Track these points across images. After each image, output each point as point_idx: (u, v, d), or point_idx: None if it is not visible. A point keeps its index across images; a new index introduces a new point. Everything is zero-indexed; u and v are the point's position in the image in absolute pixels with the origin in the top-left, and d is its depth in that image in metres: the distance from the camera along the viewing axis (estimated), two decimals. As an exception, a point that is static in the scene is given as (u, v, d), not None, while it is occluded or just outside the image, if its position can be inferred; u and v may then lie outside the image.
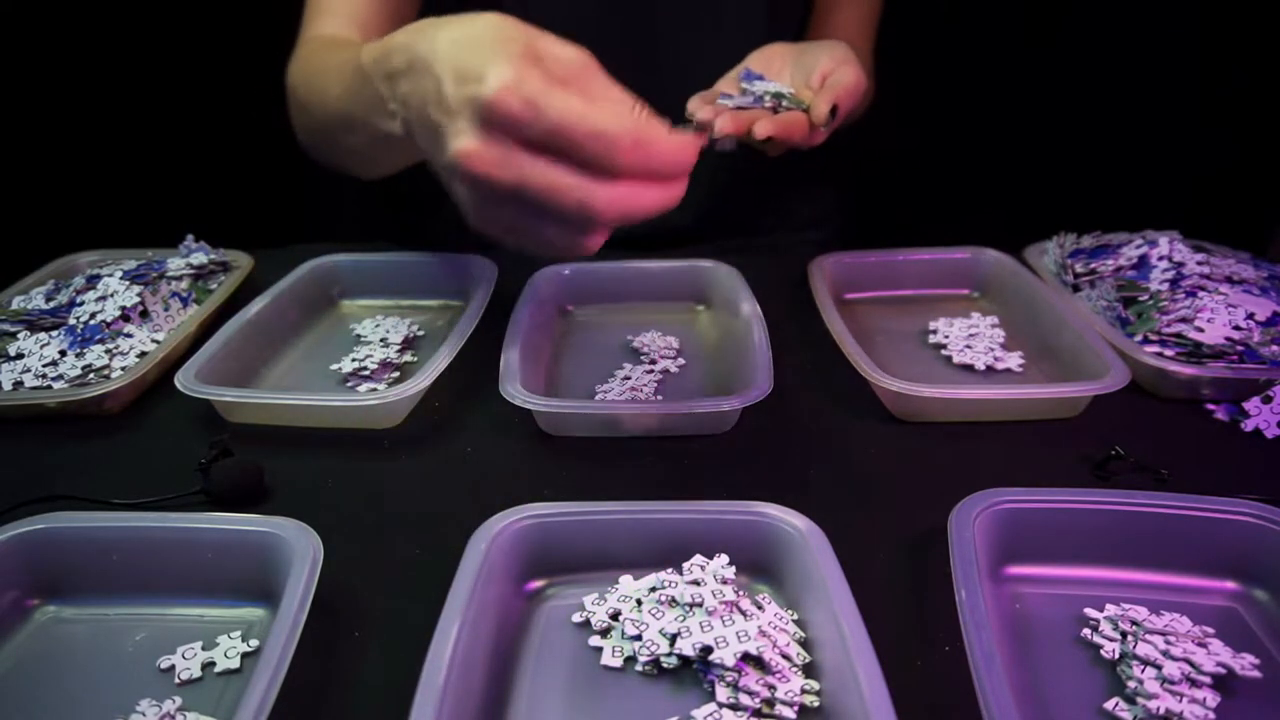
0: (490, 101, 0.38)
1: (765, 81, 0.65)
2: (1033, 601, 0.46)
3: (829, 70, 0.65)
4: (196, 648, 0.43)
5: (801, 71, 0.67)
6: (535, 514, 0.46)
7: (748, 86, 0.64)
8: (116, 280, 0.71)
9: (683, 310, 0.77)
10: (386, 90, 0.49)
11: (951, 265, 0.79)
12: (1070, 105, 1.44)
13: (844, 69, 0.65)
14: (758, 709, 0.39)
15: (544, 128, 0.39)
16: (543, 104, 0.38)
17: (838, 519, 0.47)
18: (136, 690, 0.41)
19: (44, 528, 0.46)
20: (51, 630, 0.45)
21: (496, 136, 0.39)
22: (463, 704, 0.37)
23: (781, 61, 0.69)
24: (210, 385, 0.60)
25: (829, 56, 0.65)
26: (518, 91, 0.38)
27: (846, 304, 0.77)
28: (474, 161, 0.40)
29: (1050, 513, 0.47)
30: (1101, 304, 0.69)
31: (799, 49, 0.69)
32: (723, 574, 0.44)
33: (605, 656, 0.43)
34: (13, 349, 0.66)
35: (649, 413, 0.59)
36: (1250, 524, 0.46)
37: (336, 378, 0.67)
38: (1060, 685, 0.42)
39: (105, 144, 1.33)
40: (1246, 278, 0.68)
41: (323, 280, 0.79)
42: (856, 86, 0.64)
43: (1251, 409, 0.60)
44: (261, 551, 0.45)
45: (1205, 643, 0.43)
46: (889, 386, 0.58)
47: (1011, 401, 0.60)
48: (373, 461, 0.58)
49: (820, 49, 0.67)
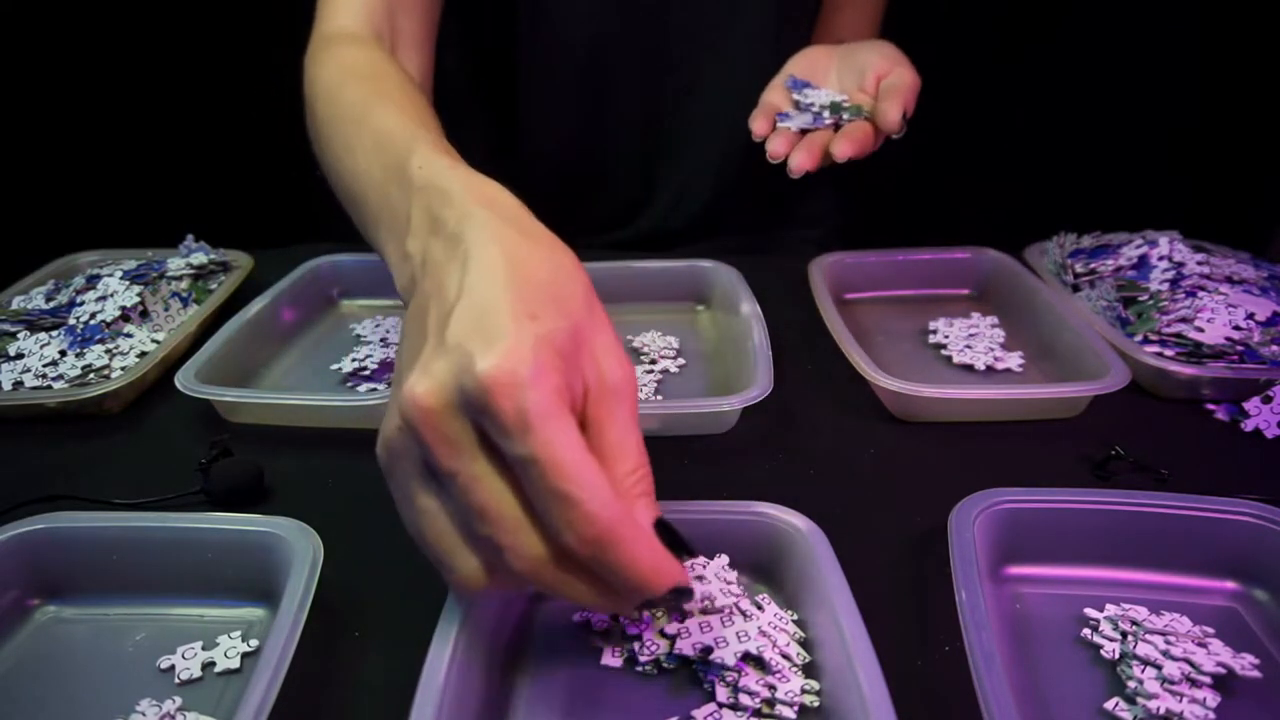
0: (479, 376, 0.31)
1: (816, 90, 0.63)
2: (1033, 601, 0.46)
3: (884, 71, 0.63)
4: (196, 648, 0.43)
5: (851, 74, 0.65)
6: (535, 514, 0.46)
7: (800, 98, 0.62)
8: (116, 280, 0.71)
9: (683, 310, 0.77)
10: (419, 220, 0.40)
11: (951, 265, 0.79)
12: (1070, 105, 1.44)
13: (900, 70, 0.63)
14: (758, 709, 0.39)
15: (518, 450, 0.31)
16: (534, 425, 0.30)
17: (838, 519, 0.47)
18: (136, 690, 0.41)
19: (44, 528, 0.46)
20: (51, 630, 0.46)
21: (465, 410, 0.32)
22: (463, 704, 0.37)
23: (827, 64, 0.66)
24: (210, 385, 0.60)
25: (880, 56, 0.63)
26: (514, 392, 0.30)
27: (846, 304, 0.77)
28: (421, 415, 0.32)
29: (1050, 513, 0.47)
30: (1101, 304, 0.69)
31: (844, 51, 0.67)
32: (723, 575, 0.44)
33: (605, 656, 0.43)
34: (13, 349, 0.66)
35: (649, 413, 0.59)
36: (1250, 524, 0.46)
37: (336, 378, 0.67)
38: (1060, 685, 0.42)
39: (105, 144, 1.34)
40: (1246, 278, 0.68)
41: (323, 280, 0.79)
42: (915, 85, 0.62)
43: (1251, 409, 0.60)
44: (261, 551, 0.45)
45: (1205, 643, 0.43)
46: (889, 386, 0.58)
47: (1011, 401, 0.60)
48: (373, 461, 0.57)
49: (869, 50, 0.65)
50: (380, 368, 0.67)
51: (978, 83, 1.41)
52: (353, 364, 0.68)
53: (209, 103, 1.38)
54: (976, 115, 1.44)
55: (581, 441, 0.32)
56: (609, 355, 0.35)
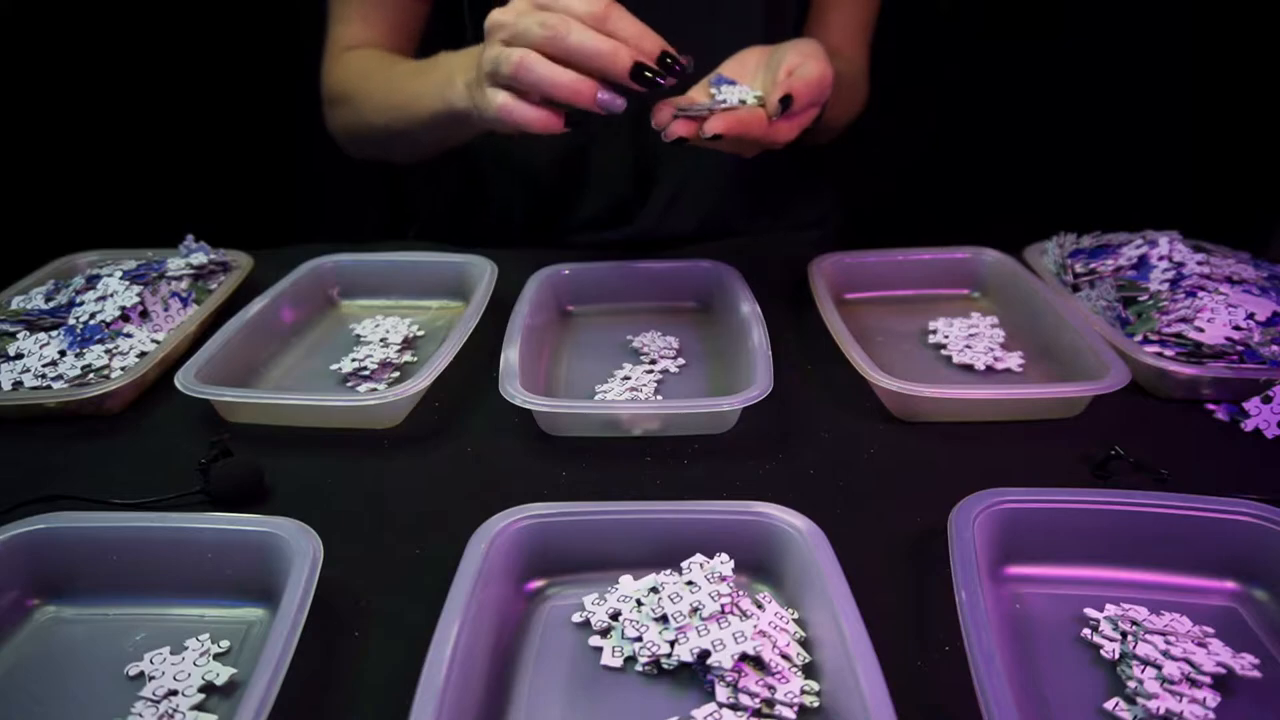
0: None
1: (734, 87, 0.65)
2: (1033, 601, 0.46)
3: (795, 65, 0.64)
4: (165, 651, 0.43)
5: (771, 72, 0.66)
6: (535, 514, 0.46)
7: (715, 93, 0.64)
8: (116, 280, 0.71)
9: (683, 310, 0.77)
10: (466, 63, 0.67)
11: (951, 265, 0.79)
12: (1070, 105, 1.44)
13: (809, 63, 0.63)
14: (758, 709, 0.39)
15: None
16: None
17: (838, 519, 0.47)
18: (136, 690, 0.41)
19: (44, 528, 0.46)
20: (51, 630, 0.45)
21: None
22: (463, 704, 0.37)
23: (756, 63, 0.68)
24: (210, 385, 0.60)
25: (795, 52, 0.64)
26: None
27: (846, 304, 0.77)
28: (494, 13, 0.60)
29: (1050, 513, 0.47)
30: (1101, 304, 0.69)
31: (771, 50, 0.69)
32: (721, 572, 0.44)
33: (605, 656, 0.43)
34: (12, 349, 0.66)
35: (649, 413, 0.59)
36: (1250, 524, 0.46)
37: (336, 378, 0.67)
38: (1060, 685, 0.42)
39: (105, 144, 1.34)
40: (1246, 278, 0.68)
41: (323, 280, 0.79)
42: (820, 79, 0.63)
43: (1251, 409, 0.60)
44: (261, 551, 0.45)
45: (1205, 643, 0.43)
46: (889, 386, 0.58)
47: (1011, 401, 0.60)
48: (373, 461, 0.58)
49: (789, 46, 0.66)
50: (380, 368, 0.67)
51: (978, 83, 1.41)
52: (353, 364, 0.68)
53: (209, 103, 1.38)
54: (976, 115, 1.45)
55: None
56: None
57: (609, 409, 0.60)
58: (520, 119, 0.60)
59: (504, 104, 0.60)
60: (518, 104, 0.60)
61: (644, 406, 0.60)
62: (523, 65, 0.58)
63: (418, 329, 0.73)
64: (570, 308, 0.77)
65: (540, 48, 0.58)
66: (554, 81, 0.58)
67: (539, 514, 0.46)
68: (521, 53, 0.58)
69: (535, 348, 0.67)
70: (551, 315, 0.74)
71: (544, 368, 0.68)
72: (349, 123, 0.87)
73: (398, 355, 0.69)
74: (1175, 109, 1.41)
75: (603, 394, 0.64)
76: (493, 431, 0.61)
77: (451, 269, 0.78)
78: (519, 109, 0.60)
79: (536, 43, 0.57)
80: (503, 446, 0.59)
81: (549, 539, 0.46)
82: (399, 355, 0.70)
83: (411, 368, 0.69)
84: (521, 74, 0.58)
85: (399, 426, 0.61)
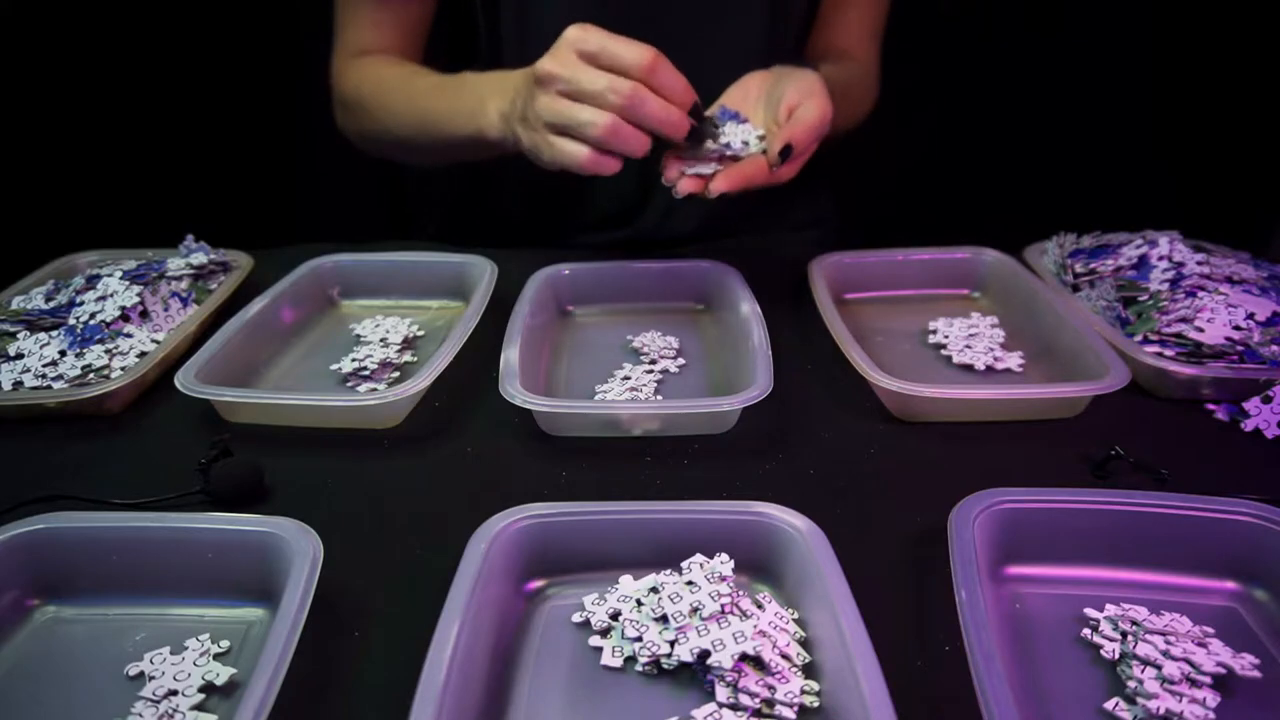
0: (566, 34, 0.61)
1: (738, 126, 0.65)
2: (1033, 601, 0.46)
3: (794, 104, 0.65)
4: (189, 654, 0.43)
5: (772, 105, 0.67)
6: (535, 514, 0.46)
7: (720, 130, 0.66)
8: (116, 280, 0.71)
9: (683, 310, 0.77)
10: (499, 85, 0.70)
11: (951, 265, 0.79)
12: (1070, 105, 1.44)
13: (809, 103, 0.64)
14: (758, 709, 0.39)
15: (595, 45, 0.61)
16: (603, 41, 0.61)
17: (838, 519, 0.47)
18: (136, 690, 0.41)
19: (44, 528, 0.46)
20: (51, 630, 0.45)
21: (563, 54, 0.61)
22: (463, 704, 0.37)
23: (758, 91, 0.69)
24: (210, 385, 0.60)
25: (795, 89, 0.65)
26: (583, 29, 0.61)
27: (846, 304, 0.77)
28: (543, 64, 0.62)
29: (1050, 513, 0.47)
30: (1101, 304, 0.69)
31: (775, 77, 0.69)
32: (721, 572, 0.44)
33: (605, 656, 0.43)
34: (12, 349, 0.66)
35: (649, 413, 0.59)
36: (1250, 524, 0.46)
37: (336, 378, 0.67)
38: (1060, 685, 0.42)
39: (105, 144, 1.34)
40: (1246, 278, 0.68)
41: (323, 280, 0.79)
42: (820, 121, 0.64)
43: (1251, 409, 0.60)
44: (261, 551, 0.45)
45: (1205, 643, 0.43)
46: (889, 386, 0.58)
47: (1011, 401, 0.60)
48: (373, 461, 0.58)
49: (790, 80, 0.67)
50: (380, 368, 0.67)
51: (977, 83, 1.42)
52: (352, 364, 0.68)
53: (209, 103, 1.38)
54: (976, 115, 1.45)
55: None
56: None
57: (609, 409, 0.60)
58: (603, 170, 0.63)
59: (589, 158, 0.63)
60: (601, 158, 0.63)
61: (644, 406, 0.60)
62: (614, 134, 0.61)
63: (418, 329, 0.73)
64: (570, 308, 0.77)
65: (619, 113, 0.61)
66: (631, 146, 0.62)
67: (539, 514, 0.46)
68: (613, 121, 0.61)
69: (535, 348, 0.67)
70: (551, 315, 0.74)
71: (544, 368, 0.68)
72: (365, 129, 0.87)
73: (398, 355, 0.69)
74: (1175, 109, 1.41)
75: (603, 394, 0.64)
76: (493, 431, 0.61)
77: (451, 269, 0.78)
78: (604, 163, 0.63)
79: (615, 108, 0.61)
80: (502, 446, 0.59)
81: (549, 539, 0.46)
82: (399, 355, 0.70)
83: (411, 368, 0.69)
84: (610, 139, 0.61)
85: (399, 426, 0.61)
